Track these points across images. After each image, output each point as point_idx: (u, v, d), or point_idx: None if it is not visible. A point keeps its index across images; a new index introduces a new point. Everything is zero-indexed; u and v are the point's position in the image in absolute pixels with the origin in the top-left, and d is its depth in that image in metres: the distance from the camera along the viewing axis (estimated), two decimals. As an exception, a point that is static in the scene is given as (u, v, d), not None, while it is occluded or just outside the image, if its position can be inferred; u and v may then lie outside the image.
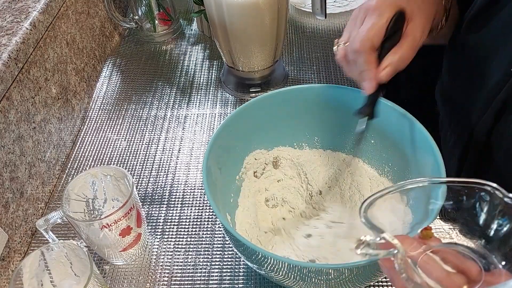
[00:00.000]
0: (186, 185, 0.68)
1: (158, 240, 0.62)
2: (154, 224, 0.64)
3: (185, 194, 0.67)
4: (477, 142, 0.52)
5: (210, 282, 0.57)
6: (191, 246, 0.61)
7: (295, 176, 0.63)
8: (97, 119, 0.80)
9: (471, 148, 0.53)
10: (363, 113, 0.52)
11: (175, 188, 0.68)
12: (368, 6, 0.50)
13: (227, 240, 0.61)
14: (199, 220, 0.64)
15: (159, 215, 0.65)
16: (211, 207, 0.64)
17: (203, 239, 0.62)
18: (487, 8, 0.51)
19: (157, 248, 0.61)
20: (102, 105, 0.82)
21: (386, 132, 0.58)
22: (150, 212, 0.65)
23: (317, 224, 0.58)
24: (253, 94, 0.81)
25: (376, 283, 0.55)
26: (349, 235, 0.57)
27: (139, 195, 0.67)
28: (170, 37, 0.96)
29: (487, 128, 0.50)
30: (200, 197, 0.67)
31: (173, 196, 0.67)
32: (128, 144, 0.75)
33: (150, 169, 0.71)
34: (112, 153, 0.74)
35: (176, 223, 0.64)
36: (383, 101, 0.57)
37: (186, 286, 0.57)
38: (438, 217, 0.42)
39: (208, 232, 0.62)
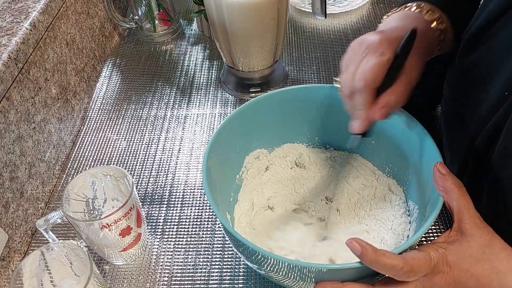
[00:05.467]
0: (186, 185, 0.68)
1: (158, 240, 0.62)
2: (154, 224, 0.64)
3: (185, 194, 0.67)
4: (474, 158, 0.52)
5: (210, 282, 0.57)
6: (191, 246, 0.61)
7: (295, 176, 0.63)
8: (97, 119, 0.80)
9: (468, 162, 0.54)
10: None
11: (175, 188, 0.68)
12: (370, 43, 0.49)
13: (227, 240, 0.61)
14: (199, 220, 0.64)
15: (159, 215, 0.65)
16: (211, 207, 0.64)
17: (203, 239, 0.62)
18: (485, 29, 0.50)
19: (157, 248, 0.61)
20: (102, 105, 0.82)
21: (386, 133, 0.58)
22: (150, 212, 0.65)
23: (316, 222, 0.58)
24: (253, 94, 0.81)
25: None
26: (349, 234, 0.56)
27: (139, 195, 0.67)
28: (170, 37, 0.96)
29: (484, 145, 0.50)
30: (200, 197, 0.67)
31: (173, 196, 0.67)
32: (128, 144, 0.75)
33: (150, 169, 0.71)
34: (112, 153, 0.74)
35: (176, 223, 0.64)
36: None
37: (186, 286, 0.57)
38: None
39: (208, 232, 0.62)
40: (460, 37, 0.56)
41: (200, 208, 0.65)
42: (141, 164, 0.72)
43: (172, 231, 0.63)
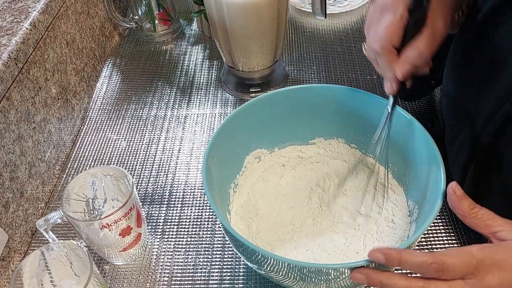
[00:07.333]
0: (186, 185, 0.68)
1: (158, 240, 0.62)
2: (154, 224, 0.64)
3: (185, 194, 0.67)
4: (481, 150, 0.52)
5: (210, 282, 0.57)
6: (191, 246, 0.61)
7: (296, 176, 0.63)
8: (97, 119, 0.80)
9: (475, 155, 0.53)
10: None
11: (175, 188, 0.68)
12: (383, 3, 0.49)
13: (227, 240, 0.61)
14: (199, 220, 0.64)
15: (159, 215, 0.65)
16: (211, 207, 0.64)
17: (203, 239, 0.62)
18: (492, 17, 0.49)
19: (157, 248, 0.61)
20: (102, 105, 0.82)
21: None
22: (150, 212, 0.65)
23: (317, 222, 0.58)
24: (253, 94, 0.81)
25: (376, 283, 0.55)
26: (348, 233, 0.57)
27: (139, 195, 0.67)
28: (170, 37, 0.96)
29: (492, 137, 0.49)
30: (200, 197, 0.67)
31: (173, 196, 0.67)
32: (128, 144, 0.75)
33: (150, 169, 0.71)
34: (112, 153, 0.74)
35: (176, 223, 0.64)
36: (382, 101, 0.57)
37: (186, 286, 0.57)
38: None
39: (208, 232, 0.62)
40: (462, 27, 0.55)
41: (200, 208, 0.65)
42: (141, 164, 0.72)
43: (172, 231, 0.63)
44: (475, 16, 0.52)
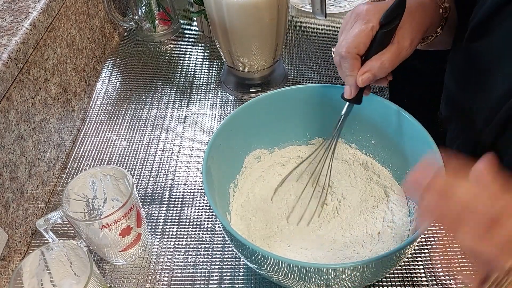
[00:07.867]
0: (186, 185, 0.68)
1: (158, 240, 0.62)
2: (154, 224, 0.64)
3: (185, 194, 0.67)
4: (482, 150, 0.52)
5: (210, 282, 0.57)
6: (191, 246, 0.61)
7: (296, 176, 0.63)
8: (97, 119, 0.80)
9: (475, 155, 0.53)
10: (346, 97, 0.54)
11: (175, 188, 0.68)
12: (359, 12, 0.50)
13: (227, 240, 0.61)
14: (199, 220, 0.64)
15: (159, 215, 0.65)
16: (211, 207, 0.64)
17: (203, 239, 0.62)
18: (491, 17, 0.50)
19: (157, 248, 0.61)
20: (102, 105, 0.82)
21: (386, 132, 0.58)
22: (150, 212, 0.65)
23: (317, 221, 0.58)
24: (253, 94, 0.81)
25: (376, 283, 0.55)
26: (348, 233, 0.57)
27: (139, 195, 0.67)
28: (170, 37, 0.96)
29: (493, 136, 0.49)
30: (200, 197, 0.67)
31: (173, 196, 0.67)
32: (128, 144, 0.75)
33: (150, 169, 0.71)
34: (112, 153, 0.74)
35: (176, 223, 0.64)
36: (382, 101, 0.57)
37: (186, 286, 0.57)
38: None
39: (208, 232, 0.62)
40: (462, 25, 0.56)
41: (200, 208, 0.65)
42: (141, 164, 0.72)
43: (172, 231, 0.63)
44: (474, 17, 0.52)
